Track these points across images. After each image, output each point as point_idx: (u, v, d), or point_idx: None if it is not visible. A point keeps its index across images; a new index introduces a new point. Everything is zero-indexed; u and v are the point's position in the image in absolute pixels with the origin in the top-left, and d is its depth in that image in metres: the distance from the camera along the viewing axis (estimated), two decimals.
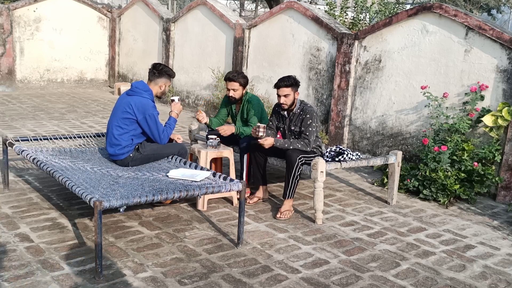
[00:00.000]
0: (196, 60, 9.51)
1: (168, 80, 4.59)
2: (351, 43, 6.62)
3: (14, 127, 7.45)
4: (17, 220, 4.11)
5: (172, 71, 4.65)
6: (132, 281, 3.26)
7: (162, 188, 3.74)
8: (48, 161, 4.34)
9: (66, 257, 3.53)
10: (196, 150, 4.77)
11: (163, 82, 4.54)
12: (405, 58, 6.08)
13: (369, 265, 3.68)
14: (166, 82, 4.57)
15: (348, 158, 4.71)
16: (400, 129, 6.16)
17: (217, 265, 3.54)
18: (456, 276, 3.60)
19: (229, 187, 3.79)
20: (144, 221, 4.26)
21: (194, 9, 9.47)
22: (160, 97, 4.64)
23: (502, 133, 5.24)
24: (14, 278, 3.20)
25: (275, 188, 5.36)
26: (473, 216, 4.87)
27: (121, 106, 4.41)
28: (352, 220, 4.57)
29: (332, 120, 6.90)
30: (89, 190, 3.60)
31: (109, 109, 9.30)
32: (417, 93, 5.92)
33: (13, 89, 10.64)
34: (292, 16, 7.56)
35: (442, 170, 5.10)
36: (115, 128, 4.40)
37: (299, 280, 3.40)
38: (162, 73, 4.53)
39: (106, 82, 11.97)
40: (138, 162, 4.48)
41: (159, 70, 4.54)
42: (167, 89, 4.64)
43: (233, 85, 5.02)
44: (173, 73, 4.65)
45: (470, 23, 5.43)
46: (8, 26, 10.36)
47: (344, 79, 6.71)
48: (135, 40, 11.21)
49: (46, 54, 11.02)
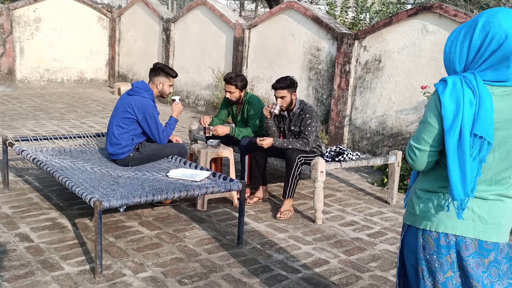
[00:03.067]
0: (196, 60, 9.51)
1: (166, 79, 4.56)
2: (351, 43, 6.62)
3: (14, 127, 7.45)
4: (17, 220, 4.11)
5: (172, 71, 4.61)
6: (132, 281, 3.26)
7: (162, 188, 3.74)
8: (48, 161, 4.34)
9: (66, 257, 3.53)
10: (196, 150, 4.77)
11: (160, 81, 4.53)
12: (405, 58, 6.08)
13: (369, 265, 3.68)
14: (165, 81, 4.55)
15: (348, 158, 4.71)
16: (400, 129, 6.16)
17: (217, 265, 3.54)
18: None
19: (229, 187, 3.79)
20: (144, 221, 4.26)
21: (194, 9, 9.47)
22: (163, 97, 4.65)
23: None
24: (14, 278, 3.20)
25: (275, 188, 5.36)
26: None
27: (122, 106, 4.42)
28: (352, 220, 4.58)
29: (332, 120, 6.90)
30: (89, 190, 3.60)
31: (109, 109, 9.30)
32: (417, 93, 5.92)
33: (13, 89, 10.64)
34: (292, 16, 7.56)
35: None
36: (116, 127, 4.41)
37: (299, 280, 3.40)
38: (159, 72, 4.53)
39: (106, 82, 11.97)
40: (138, 162, 4.49)
41: (156, 69, 4.55)
42: (167, 89, 4.59)
43: (230, 87, 5.02)
44: (172, 72, 4.59)
45: None
46: (8, 26, 10.36)
47: (344, 79, 6.71)
48: (135, 40, 11.21)
49: (46, 54, 11.02)
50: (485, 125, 1.78)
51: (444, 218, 1.93)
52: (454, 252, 1.93)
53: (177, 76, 4.71)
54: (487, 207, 1.92)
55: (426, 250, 1.98)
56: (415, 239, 2.01)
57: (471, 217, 1.91)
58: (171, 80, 4.61)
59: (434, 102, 1.87)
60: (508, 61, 1.79)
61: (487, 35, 1.81)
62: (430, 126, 1.88)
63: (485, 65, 1.83)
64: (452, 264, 1.93)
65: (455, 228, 1.92)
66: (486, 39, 1.81)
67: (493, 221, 1.91)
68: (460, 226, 1.91)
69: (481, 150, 1.80)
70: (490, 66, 1.82)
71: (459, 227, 1.91)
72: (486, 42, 1.81)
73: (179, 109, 4.68)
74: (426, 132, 1.90)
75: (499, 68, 1.81)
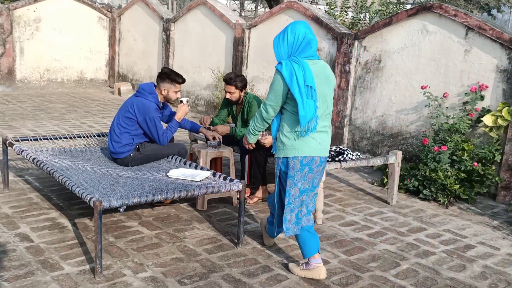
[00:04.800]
0: (196, 60, 9.51)
1: (172, 85, 4.50)
2: (351, 43, 6.62)
3: (14, 127, 7.45)
4: (17, 220, 4.11)
5: (178, 76, 4.53)
6: (132, 281, 3.26)
7: (162, 188, 3.74)
8: (48, 161, 4.34)
9: (66, 257, 3.53)
10: (196, 150, 4.77)
11: (165, 87, 4.52)
12: (405, 58, 6.08)
13: (369, 265, 3.68)
14: (170, 87, 4.52)
15: (348, 158, 4.72)
16: (400, 129, 6.16)
17: (217, 265, 3.54)
18: (456, 276, 3.60)
19: (229, 187, 3.80)
20: (144, 221, 4.26)
21: (194, 9, 9.47)
22: (169, 103, 4.66)
23: (502, 133, 5.24)
24: (14, 278, 3.20)
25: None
26: (473, 216, 4.88)
27: (125, 106, 4.49)
28: (352, 220, 4.58)
29: (332, 120, 6.90)
30: (89, 190, 3.60)
31: (109, 109, 9.30)
32: (417, 93, 5.92)
33: (13, 89, 10.64)
34: (292, 16, 7.56)
35: (442, 170, 5.10)
36: (117, 126, 4.47)
37: (299, 280, 3.40)
38: (164, 78, 4.52)
39: (106, 82, 11.97)
40: (138, 161, 4.49)
41: (161, 74, 4.54)
42: (173, 95, 4.54)
43: (230, 88, 5.01)
44: (178, 78, 4.52)
45: (470, 23, 5.43)
46: (8, 26, 10.36)
47: (344, 79, 6.71)
48: (135, 40, 11.21)
49: (46, 54, 11.02)
50: (310, 79, 3.14)
51: (303, 146, 3.22)
52: (307, 167, 3.25)
53: (184, 82, 4.60)
54: (321, 136, 3.27)
55: (294, 170, 3.26)
56: (287, 164, 3.28)
57: (315, 143, 3.24)
58: (177, 86, 4.54)
59: (278, 75, 3.20)
60: (310, 45, 3.21)
61: (295, 35, 3.20)
62: (276, 91, 3.21)
63: (299, 51, 3.21)
64: (304, 175, 3.27)
65: (310, 152, 3.23)
66: (295, 37, 3.20)
67: (325, 145, 3.31)
68: (311, 150, 3.23)
69: (312, 94, 3.14)
70: (302, 50, 3.21)
71: (311, 150, 3.23)
72: (296, 38, 3.20)
73: (183, 111, 4.64)
74: (275, 95, 3.22)
75: (307, 51, 3.21)
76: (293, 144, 3.22)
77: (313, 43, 3.22)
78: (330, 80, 3.30)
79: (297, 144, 3.22)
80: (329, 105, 3.29)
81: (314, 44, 3.23)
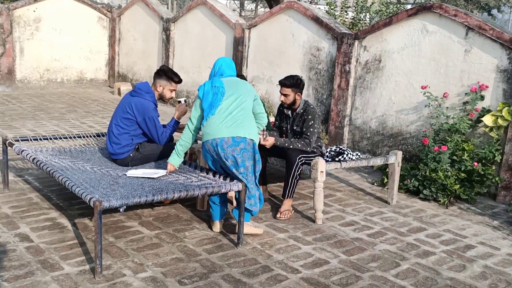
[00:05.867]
0: (196, 60, 9.51)
1: (168, 82, 4.50)
2: (351, 43, 6.62)
3: (14, 127, 7.45)
4: (17, 220, 4.11)
5: (175, 76, 4.54)
6: (132, 281, 3.26)
7: (162, 188, 3.74)
8: (48, 161, 4.34)
9: (66, 257, 3.53)
10: (196, 150, 4.77)
11: (160, 84, 4.51)
12: (405, 58, 6.08)
13: (369, 265, 3.68)
14: (165, 85, 4.51)
15: (348, 158, 4.71)
16: (400, 129, 6.16)
17: (217, 265, 3.54)
18: (456, 276, 3.60)
19: (229, 187, 3.79)
20: (144, 221, 4.26)
21: (194, 9, 9.47)
22: (163, 101, 4.63)
23: (502, 133, 5.24)
24: (14, 278, 3.20)
25: (275, 188, 5.36)
26: (473, 216, 4.87)
27: (123, 106, 4.44)
28: (352, 220, 4.57)
29: (332, 120, 6.90)
30: (89, 190, 3.60)
31: (109, 109, 9.30)
32: (417, 93, 5.92)
33: (13, 89, 10.64)
34: (292, 16, 7.56)
35: (442, 170, 5.10)
36: (115, 127, 4.43)
37: (299, 280, 3.40)
38: (161, 74, 4.52)
39: (106, 82, 11.97)
40: (138, 162, 4.49)
41: (159, 71, 4.54)
42: (168, 93, 4.54)
43: None
44: (175, 77, 4.53)
45: (470, 23, 5.43)
46: (8, 26, 10.36)
47: (344, 79, 6.71)
48: (135, 40, 11.21)
49: (46, 54, 11.02)
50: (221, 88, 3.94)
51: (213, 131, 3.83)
52: (219, 148, 3.82)
53: (180, 82, 4.61)
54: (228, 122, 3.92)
55: (210, 151, 3.90)
56: (206, 148, 3.91)
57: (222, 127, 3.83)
58: (173, 85, 4.54)
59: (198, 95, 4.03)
60: (221, 71, 4.09)
61: (216, 65, 4.12)
62: (196, 107, 4.03)
63: (218, 74, 4.09)
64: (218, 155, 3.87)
65: (217, 135, 3.81)
66: (215, 67, 4.11)
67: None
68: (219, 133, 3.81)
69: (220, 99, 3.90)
70: (219, 74, 4.08)
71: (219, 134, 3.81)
72: (215, 67, 4.11)
73: (182, 111, 4.64)
74: (195, 110, 4.03)
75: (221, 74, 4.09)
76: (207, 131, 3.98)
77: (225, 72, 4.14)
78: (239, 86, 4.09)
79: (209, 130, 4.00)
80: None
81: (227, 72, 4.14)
